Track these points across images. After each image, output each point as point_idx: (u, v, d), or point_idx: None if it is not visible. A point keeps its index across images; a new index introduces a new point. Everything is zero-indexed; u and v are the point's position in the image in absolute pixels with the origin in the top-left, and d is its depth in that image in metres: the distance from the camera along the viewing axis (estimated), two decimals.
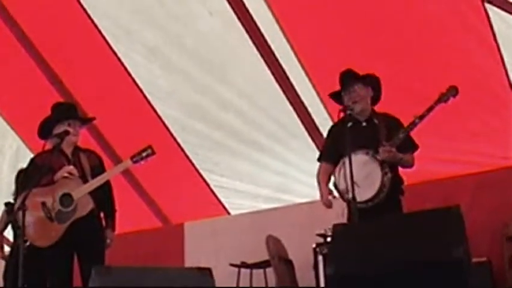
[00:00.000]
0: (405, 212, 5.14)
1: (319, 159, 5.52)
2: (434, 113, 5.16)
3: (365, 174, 5.06)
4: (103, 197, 5.49)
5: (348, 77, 5.32)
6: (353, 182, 4.85)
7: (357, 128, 5.18)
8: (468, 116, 6.74)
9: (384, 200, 5.05)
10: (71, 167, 5.37)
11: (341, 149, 5.05)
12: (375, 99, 5.39)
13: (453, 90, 5.18)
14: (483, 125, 6.88)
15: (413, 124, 5.08)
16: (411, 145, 5.26)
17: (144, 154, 5.49)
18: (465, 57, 6.49)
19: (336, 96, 5.41)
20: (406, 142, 5.16)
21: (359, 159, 5.07)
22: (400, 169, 5.27)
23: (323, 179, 5.41)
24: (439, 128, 5.76)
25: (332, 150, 5.34)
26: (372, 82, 5.36)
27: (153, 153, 5.51)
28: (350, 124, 5.09)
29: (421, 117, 5.06)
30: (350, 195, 4.92)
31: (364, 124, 5.28)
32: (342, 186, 5.13)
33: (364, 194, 5.02)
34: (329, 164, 5.38)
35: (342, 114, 5.09)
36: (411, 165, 5.29)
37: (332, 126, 5.54)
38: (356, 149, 5.03)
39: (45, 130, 5.52)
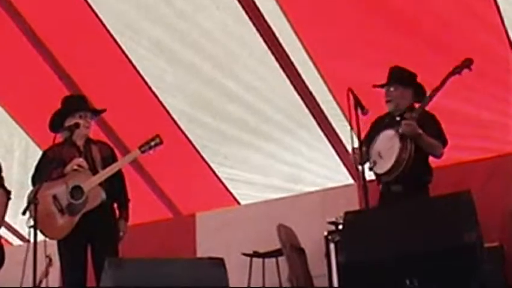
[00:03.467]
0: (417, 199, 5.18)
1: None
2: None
3: (388, 147, 5.27)
4: (116, 187, 5.51)
5: (391, 76, 5.55)
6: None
7: (392, 123, 5.42)
8: (478, 102, 6.72)
9: (412, 187, 5.20)
10: (81, 159, 5.39)
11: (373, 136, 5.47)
12: (418, 95, 5.52)
13: (467, 62, 5.30)
14: (493, 111, 6.86)
15: (428, 98, 5.27)
16: (440, 137, 5.37)
17: (152, 143, 5.49)
18: (472, 42, 6.46)
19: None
20: (435, 133, 5.32)
21: (387, 134, 5.34)
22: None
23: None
24: (449, 114, 5.74)
25: (368, 141, 5.55)
26: (412, 83, 5.54)
27: (161, 142, 5.51)
28: (386, 119, 5.49)
29: (436, 90, 5.24)
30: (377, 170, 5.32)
31: (398, 119, 5.42)
32: (370, 160, 5.40)
33: (384, 165, 5.26)
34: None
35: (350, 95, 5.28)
36: (437, 154, 5.39)
37: (373, 123, 5.71)
38: None
39: (56, 123, 5.53)
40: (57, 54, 7.57)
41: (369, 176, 5.45)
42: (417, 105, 5.46)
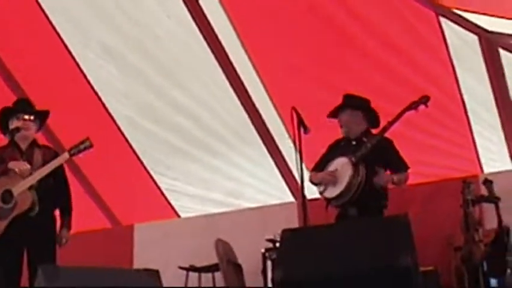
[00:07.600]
0: (354, 220, 5.23)
1: (312, 170, 5.71)
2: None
3: (341, 173, 5.39)
4: (60, 194, 5.44)
5: (342, 103, 5.60)
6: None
7: (348, 146, 5.51)
8: (419, 128, 6.83)
9: (367, 210, 5.28)
10: (23, 163, 5.31)
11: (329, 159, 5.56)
12: (370, 120, 5.59)
13: (424, 99, 5.45)
14: (433, 137, 6.99)
15: (383, 130, 5.41)
16: (401, 163, 5.53)
17: (82, 147, 5.39)
18: (419, 71, 6.58)
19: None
20: (396, 160, 5.49)
21: (340, 160, 5.43)
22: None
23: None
24: (391, 138, 5.83)
25: (323, 164, 5.63)
26: (362, 106, 5.59)
27: (91, 145, 5.41)
28: (342, 143, 5.57)
29: (391, 123, 5.39)
30: (326, 194, 5.45)
31: (354, 143, 5.52)
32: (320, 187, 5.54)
33: (335, 190, 5.39)
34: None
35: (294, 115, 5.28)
36: (406, 182, 5.59)
37: (330, 145, 5.77)
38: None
39: (3, 125, 5.49)
40: (3, 56, 7.45)
41: (310, 194, 5.49)
42: (373, 131, 5.54)
